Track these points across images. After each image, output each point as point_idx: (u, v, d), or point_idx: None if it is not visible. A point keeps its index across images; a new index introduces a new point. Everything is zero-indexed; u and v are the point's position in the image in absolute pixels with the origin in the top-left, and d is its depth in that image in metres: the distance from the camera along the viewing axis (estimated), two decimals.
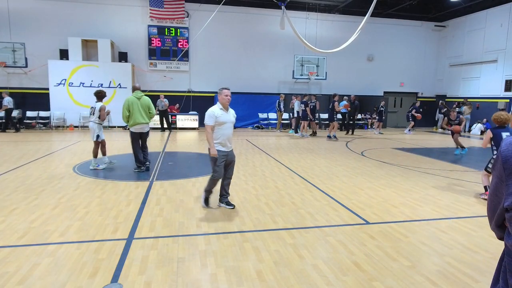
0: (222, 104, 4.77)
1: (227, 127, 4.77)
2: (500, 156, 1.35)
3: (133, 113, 6.95)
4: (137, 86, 7.27)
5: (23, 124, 15.52)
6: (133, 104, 6.94)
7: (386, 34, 19.49)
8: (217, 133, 4.72)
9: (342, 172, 7.61)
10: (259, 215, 4.73)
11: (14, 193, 5.53)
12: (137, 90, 7.16)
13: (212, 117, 4.67)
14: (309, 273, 3.17)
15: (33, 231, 3.99)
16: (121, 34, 16.59)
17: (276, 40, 18.07)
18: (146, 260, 3.35)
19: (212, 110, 4.73)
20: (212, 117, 4.67)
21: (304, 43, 12.38)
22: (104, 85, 15.59)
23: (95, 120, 7.41)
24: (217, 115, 4.68)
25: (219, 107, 4.76)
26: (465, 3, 17.25)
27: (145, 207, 4.98)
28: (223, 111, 4.76)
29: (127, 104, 6.93)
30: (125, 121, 7.10)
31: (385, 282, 3.05)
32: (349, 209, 5.08)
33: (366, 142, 13.24)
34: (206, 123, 4.69)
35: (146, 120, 7.11)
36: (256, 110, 17.92)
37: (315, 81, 18.88)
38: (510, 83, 16.31)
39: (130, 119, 6.99)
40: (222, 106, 4.76)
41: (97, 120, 7.42)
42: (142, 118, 7.03)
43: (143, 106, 7.06)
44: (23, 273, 3.05)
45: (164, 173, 7.16)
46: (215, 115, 4.68)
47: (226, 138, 4.78)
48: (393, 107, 20.52)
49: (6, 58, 15.24)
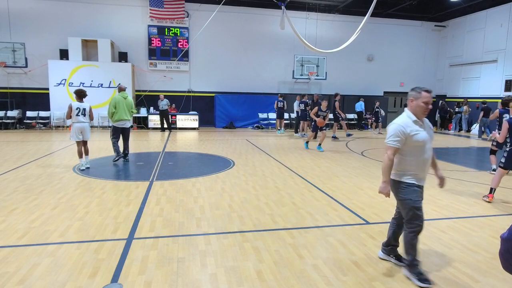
0: (416, 114, 3.05)
1: (426, 150, 3.03)
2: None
3: (118, 110, 7.97)
4: (123, 87, 8.28)
5: (23, 124, 15.54)
6: (119, 103, 7.96)
7: (386, 34, 19.49)
8: (407, 160, 3.04)
9: (342, 172, 7.61)
10: (259, 215, 4.73)
11: (14, 193, 5.53)
12: (123, 91, 8.18)
13: (400, 135, 2.99)
14: (309, 273, 3.17)
15: (33, 231, 3.99)
16: (121, 34, 16.59)
17: (276, 40, 18.07)
18: (146, 260, 3.35)
19: (401, 123, 3.03)
20: (400, 136, 2.99)
21: (304, 43, 12.38)
22: (104, 85, 15.61)
23: (86, 120, 7.37)
24: (409, 131, 2.99)
25: (411, 119, 3.05)
26: (465, 3, 17.24)
27: (145, 207, 4.98)
28: (418, 125, 3.03)
29: (114, 102, 7.91)
30: (110, 116, 8.04)
31: (385, 282, 3.05)
32: (349, 209, 5.07)
33: (366, 142, 13.24)
34: (389, 144, 3.03)
35: (128, 117, 8.23)
36: (256, 110, 17.91)
37: (315, 81, 18.88)
38: (510, 83, 16.31)
39: (114, 116, 7.97)
40: (416, 117, 3.05)
41: (88, 120, 7.45)
42: (125, 115, 8.10)
43: (128, 105, 8.12)
44: (23, 273, 3.05)
45: (164, 173, 7.16)
46: (406, 131, 2.98)
47: (423, 165, 3.07)
48: (393, 107, 20.52)
49: (6, 58, 15.24)
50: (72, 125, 7.21)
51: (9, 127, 15.23)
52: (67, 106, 7.23)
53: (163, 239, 3.86)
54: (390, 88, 20.18)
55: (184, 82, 17.68)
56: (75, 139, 7.25)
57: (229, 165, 8.14)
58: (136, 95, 17.00)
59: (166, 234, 4.01)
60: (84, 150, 7.42)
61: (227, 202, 5.26)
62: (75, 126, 7.21)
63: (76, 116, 7.18)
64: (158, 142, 11.78)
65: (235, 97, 17.81)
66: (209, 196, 5.59)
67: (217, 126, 17.68)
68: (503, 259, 1.49)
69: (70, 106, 7.15)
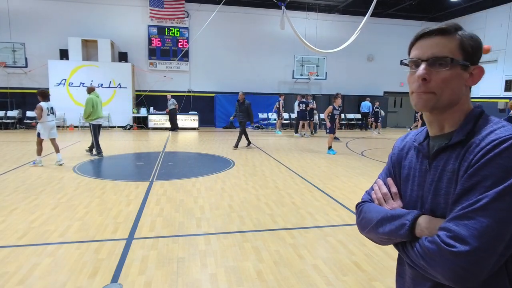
0: None
1: None
2: None
3: (97, 109, 8.58)
4: (93, 87, 9.04)
5: (23, 124, 15.54)
6: (97, 102, 8.62)
7: (386, 34, 19.49)
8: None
9: (342, 172, 7.61)
10: (259, 215, 4.73)
11: (14, 193, 5.53)
12: (94, 91, 8.84)
13: None
14: (309, 273, 3.17)
15: (33, 231, 3.99)
16: (121, 34, 16.60)
17: (276, 40, 18.07)
18: (146, 260, 3.35)
19: None
20: None
21: (304, 43, 12.38)
22: (104, 85, 15.61)
23: (54, 119, 7.76)
24: None
25: None
26: (465, 3, 17.25)
27: (145, 207, 4.98)
28: None
29: (92, 102, 8.49)
30: (86, 116, 8.55)
31: (385, 282, 3.05)
32: (349, 209, 5.07)
33: (366, 142, 13.24)
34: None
35: (103, 114, 9.10)
36: (256, 110, 17.87)
37: (315, 81, 18.88)
38: (510, 83, 16.32)
39: (93, 115, 8.52)
40: None
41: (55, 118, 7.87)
42: (102, 113, 8.88)
43: (101, 103, 8.82)
44: (23, 273, 3.05)
45: (164, 173, 7.16)
46: None
47: None
48: (393, 107, 20.52)
49: (6, 58, 15.25)
50: (44, 124, 7.45)
51: (9, 127, 15.24)
52: (37, 108, 7.40)
53: (163, 239, 3.86)
54: (390, 88, 20.18)
55: (184, 82, 17.68)
56: (46, 138, 7.50)
57: (229, 165, 8.14)
58: (136, 95, 17.01)
59: (166, 234, 4.01)
60: (55, 147, 7.72)
61: (227, 202, 5.26)
62: (47, 124, 7.50)
63: (46, 115, 7.48)
64: (158, 142, 11.78)
65: (235, 97, 17.72)
66: (209, 196, 5.59)
67: (217, 126, 17.69)
68: None
69: (41, 107, 7.37)
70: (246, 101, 10.57)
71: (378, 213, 1.08)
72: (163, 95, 16.79)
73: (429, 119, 1.05)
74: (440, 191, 0.97)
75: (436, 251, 0.86)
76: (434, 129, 1.05)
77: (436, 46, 0.98)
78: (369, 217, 1.11)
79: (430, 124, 1.06)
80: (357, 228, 1.18)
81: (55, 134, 7.69)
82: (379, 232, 1.06)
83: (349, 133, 16.48)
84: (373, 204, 1.14)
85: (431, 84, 0.97)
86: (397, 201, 1.11)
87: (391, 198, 1.13)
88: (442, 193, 0.97)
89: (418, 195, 1.05)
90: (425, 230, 0.94)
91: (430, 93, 0.98)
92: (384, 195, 1.14)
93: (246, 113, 10.53)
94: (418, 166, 1.08)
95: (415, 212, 0.99)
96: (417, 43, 1.02)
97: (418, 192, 1.05)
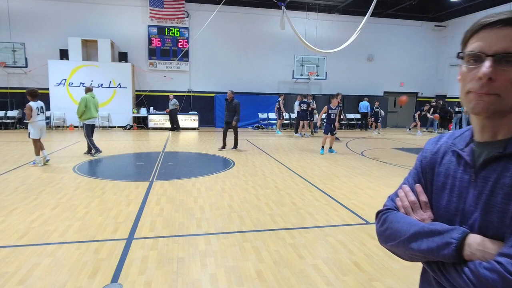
0: None
1: None
2: None
3: (89, 109, 8.65)
4: (91, 88, 9.11)
5: (23, 124, 15.54)
6: (90, 102, 8.67)
7: (386, 34, 19.49)
8: None
9: (342, 172, 7.61)
10: (259, 215, 4.73)
11: (14, 193, 5.53)
12: (90, 91, 8.93)
13: None
14: (309, 273, 3.17)
15: (33, 231, 3.99)
16: (121, 34, 16.60)
17: (276, 40, 18.07)
18: (146, 260, 3.35)
19: None
20: None
21: (304, 43, 12.38)
22: (104, 85, 15.61)
23: (44, 118, 7.76)
24: None
25: None
26: (465, 3, 17.24)
27: (145, 207, 4.98)
28: None
29: (85, 101, 8.58)
30: (79, 115, 8.62)
31: (385, 282, 3.05)
32: (349, 209, 5.07)
33: (366, 142, 13.24)
34: None
35: (97, 115, 9.08)
36: (256, 110, 17.92)
37: (315, 81, 18.88)
38: None
39: (85, 114, 8.61)
40: None
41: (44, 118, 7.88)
42: (95, 113, 8.91)
43: (96, 104, 8.90)
44: (23, 273, 3.05)
45: (164, 173, 7.16)
46: None
47: None
48: (393, 107, 20.52)
49: (6, 58, 15.24)
50: (34, 124, 7.46)
51: (9, 127, 15.23)
52: (26, 108, 7.39)
53: (163, 239, 3.86)
54: (390, 88, 20.18)
55: (184, 82, 17.68)
56: (37, 137, 7.50)
57: (229, 165, 8.14)
58: (136, 95, 17.01)
59: (166, 234, 4.01)
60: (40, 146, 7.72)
61: (227, 202, 5.26)
62: (38, 124, 7.51)
63: (36, 115, 7.51)
64: (158, 142, 11.77)
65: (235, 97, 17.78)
66: (209, 196, 5.59)
67: (217, 126, 17.68)
68: None
69: (30, 107, 7.37)
70: (234, 100, 10.27)
71: (410, 225, 0.93)
72: (163, 95, 16.80)
73: (482, 123, 0.89)
74: (493, 208, 0.83)
75: (498, 282, 0.73)
76: (485, 134, 0.89)
77: (505, 39, 0.82)
78: (397, 228, 0.96)
79: (482, 129, 0.90)
80: (378, 239, 1.04)
81: (44, 134, 7.70)
82: (412, 248, 0.91)
83: (349, 133, 16.48)
84: (402, 214, 1.00)
85: (496, 84, 0.81)
86: (427, 212, 0.97)
87: (420, 207, 0.99)
88: (496, 210, 0.82)
89: (457, 208, 0.91)
90: (477, 253, 0.80)
91: (494, 95, 0.82)
92: (412, 203, 1.00)
93: (234, 113, 10.23)
94: (459, 174, 0.93)
95: (462, 229, 0.84)
96: (479, 33, 0.86)
97: (458, 204, 0.91)
